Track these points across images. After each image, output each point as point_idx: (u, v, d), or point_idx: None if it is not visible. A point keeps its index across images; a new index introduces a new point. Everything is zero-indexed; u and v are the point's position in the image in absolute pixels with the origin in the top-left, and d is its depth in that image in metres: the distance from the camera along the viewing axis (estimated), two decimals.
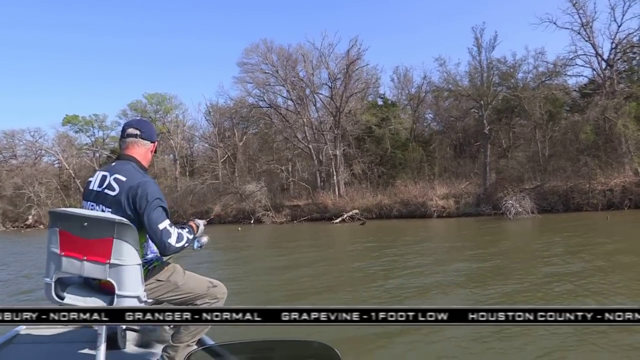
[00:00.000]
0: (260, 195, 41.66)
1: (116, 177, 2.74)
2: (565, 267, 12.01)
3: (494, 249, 16.83)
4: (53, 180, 58.60)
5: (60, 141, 61.80)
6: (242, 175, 49.10)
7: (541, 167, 35.97)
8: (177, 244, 2.68)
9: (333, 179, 42.74)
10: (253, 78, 47.94)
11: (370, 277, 12.44)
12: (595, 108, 32.76)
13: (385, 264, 14.44)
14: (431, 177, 39.51)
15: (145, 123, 3.09)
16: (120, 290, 2.52)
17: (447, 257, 15.26)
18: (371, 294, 10.43)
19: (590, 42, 36.02)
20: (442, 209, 34.72)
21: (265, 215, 40.91)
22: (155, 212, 2.65)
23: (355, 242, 22.63)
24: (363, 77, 47.54)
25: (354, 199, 39.77)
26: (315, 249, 20.83)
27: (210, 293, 2.88)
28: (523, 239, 20.01)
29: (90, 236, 2.52)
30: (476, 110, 39.78)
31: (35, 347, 3.17)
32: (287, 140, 48.69)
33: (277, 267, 15.33)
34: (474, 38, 40.77)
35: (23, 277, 15.10)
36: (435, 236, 23.71)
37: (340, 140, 43.93)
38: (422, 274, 12.37)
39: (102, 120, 63.92)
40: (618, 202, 29.88)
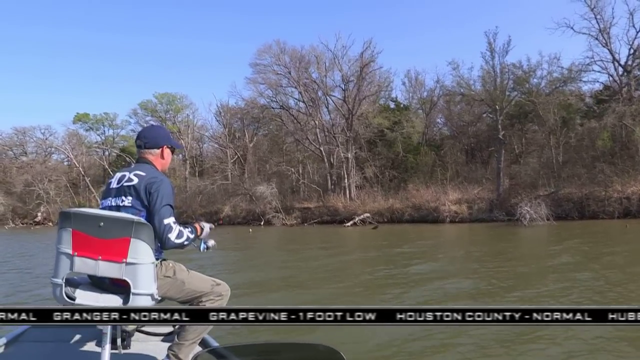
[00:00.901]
0: (271, 197, 41.45)
1: (136, 172, 2.94)
2: (594, 276, 11.69)
3: (516, 257, 16.52)
4: (62, 177, 58.69)
5: (71, 139, 61.99)
6: (251, 176, 48.90)
7: (555, 174, 35.59)
8: (176, 240, 2.82)
9: (344, 181, 42.48)
10: (265, 79, 47.82)
11: (392, 286, 12.12)
12: (613, 114, 32.34)
13: (406, 273, 14.12)
14: (443, 182, 39.12)
15: (148, 131, 3.29)
16: (136, 288, 2.57)
17: (471, 266, 14.90)
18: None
19: (608, 47, 35.71)
20: (455, 214, 34.38)
21: (276, 217, 40.68)
22: (164, 208, 2.82)
23: (370, 247, 22.31)
24: (376, 80, 47.22)
25: (365, 202, 39.49)
26: (330, 252, 20.52)
27: (214, 291, 2.96)
28: (542, 247, 19.63)
29: (106, 236, 2.56)
30: (491, 115, 39.39)
31: (40, 345, 3.18)
32: (299, 142, 48.48)
33: (297, 275, 15.04)
34: (487, 42, 40.59)
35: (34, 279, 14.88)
36: (453, 242, 23.29)
37: (352, 143, 43.66)
38: (447, 283, 12.04)
39: (113, 119, 64.17)
40: (635, 210, 29.48)
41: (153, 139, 3.15)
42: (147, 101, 61.33)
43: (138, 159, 3.14)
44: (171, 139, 3.26)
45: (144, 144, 3.13)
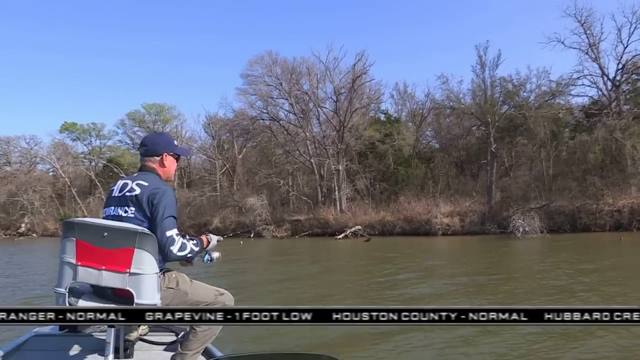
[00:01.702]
0: (261, 208, 41.09)
1: (138, 182, 2.91)
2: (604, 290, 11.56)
3: (517, 270, 16.38)
4: (48, 188, 57.89)
5: (56, 149, 61.09)
6: (240, 188, 48.50)
7: (546, 187, 35.71)
8: (179, 253, 2.79)
9: (335, 194, 42.23)
10: (256, 90, 47.61)
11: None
12: (603, 128, 32.58)
13: (407, 292, 13.89)
14: (435, 195, 39.03)
15: (149, 138, 3.24)
16: (139, 298, 2.56)
17: (474, 281, 14.70)
18: None
19: (597, 62, 36.08)
20: (447, 226, 34.27)
21: (266, 230, 40.23)
22: (167, 220, 2.79)
23: (364, 261, 22.04)
24: (366, 92, 47.19)
25: (356, 214, 39.26)
26: (326, 266, 20.28)
27: (218, 301, 2.97)
28: (541, 260, 19.46)
29: (110, 246, 2.58)
30: (483, 127, 39.49)
31: (43, 354, 3.20)
32: (289, 154, 48.26)
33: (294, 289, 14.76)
34: (478, 56, 40.90)
35: None
36: (450, 255, 23.04)
37: (343, 155, 43.50)
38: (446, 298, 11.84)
39: (100, 129, 63.39)
40: (627, 222, 29.57)
41: (152, 147, 3.12)
42: (135, 111, 60.92)
43: (141, 167, 3.13)
44: (174, 146, 3.19)
45: (144, 151, 3.12)
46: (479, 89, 42.11)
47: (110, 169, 57.55)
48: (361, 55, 43.61)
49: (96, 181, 56.88)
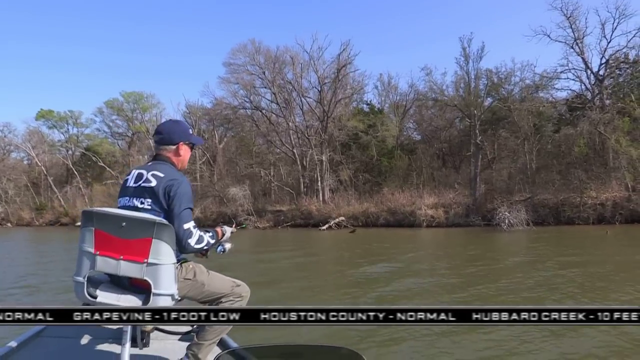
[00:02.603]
0: (244, 199, 40.55)
1: (154, 173, 2.84)
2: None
3: (507, 263, 16.20)
4: (22, 176, 56.58)
5: (32, 137, 59.64)
6: (221, 178, 47.87)
7: (529, 180, 35.78)
8: (196, 245, 2.79)
9: (317, 184, 41.87)
10: (238, 79, 46.88)
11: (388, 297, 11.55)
12: (587, 122, 32.68)
13: (401, 284, 13.57)
14: (418, 186, 38.87)
15: (165, 126, 3.13)
16: (157, 288, 2.56)
17: (466, 277, 14.44)
18: None
19: (582, 56, 36.19)
20: (432, 218, 34.15)
21: (248, 220, 39.74)
22: (184, 212, 2.75)
23: (355, 253, 21.70)
24: (349, 82, 46.77)
25: (340, 205, 38.96)
26: (315, 259, 19.91)
27: (234, 292, 2.94)
28: (531, 253, 19.28)
29: (128, 236, 2.56)
30: (468, 119, 39.39)
31: (60, 341, 3.19)
32: (271, 144, 47.71)
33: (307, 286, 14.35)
34: (461, 48, 40.88)
35: None
36: (438, 248, 22.68)
37: (326, 145, 43.08)
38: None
39: (77, 117, 62.15)
40: (609, 216, 29.73)
41: (168, 135, 3.03)
42: (113, 99, 59.67)
43: (155, 156, 3.05)
44: (189, 135, 3.09)
45: (159, 139, 3.04)
46: (463, 81, 42.15)
47: (89, 157, 56.42)
48: (346, 45, 43.24)
49: (73, 170, 55.71)
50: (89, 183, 55.92)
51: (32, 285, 13.31)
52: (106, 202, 49.89)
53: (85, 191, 53.21)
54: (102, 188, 53.38)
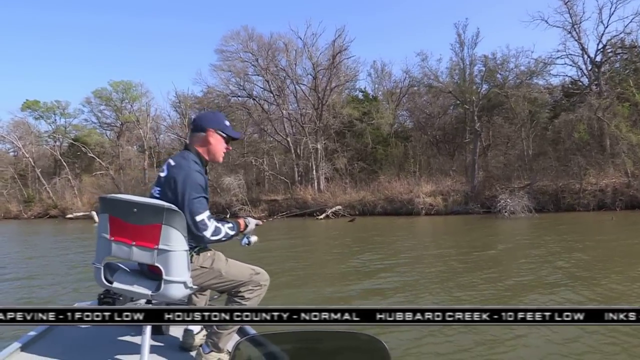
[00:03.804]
0: (239, 188, 39.94)
1: (169, 162, 2.88)
2: None
3: (522, 255, 15.84)
4: (9, 168, 55.38)
5: (17, 128, 58.34)
6: (213, 167, 47.15)
7: (527, 166, 35.52)
8: (212, 237, 2.74)
9: (312, 173, 41.30)
10: (231, 66, 45.99)
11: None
12: (587, 107, 32.41)
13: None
14: (415, 174, 38.45)
15: (199, 114, 3.18)
16: (168, 275, 2.55)
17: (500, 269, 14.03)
18: None
19: (579, 41, 35.88)
20: (430, 206, 33.73)
21: (242, 210, 39.14)
22: (195, 203, 2.70)
23: (360, 242, 21.25)
24: (343, 69, 46.00)
25: (336, 194, 38.44)
26: (313, 246, 19.43)
27: (253, 280, 2.91)
28: (542, 242, 18.92)
29: (139, 222, 2.57)
30: (467, 105, 38.98)
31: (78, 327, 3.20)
32: (264, 132, 47.02)
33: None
34: (457, 34, 40.48)
35: None
36: (447, 237, 22.13)
37: (321, 133, 42.47)
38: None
39: (65, 107, 60.81)
40: (610, 202, 29.54)
41: (199, 122, 3.02)
42: (101, 89, 58.23)
43: (185, 145, 3.03)
44: (223, 124, 3.03)
45: (192, 127, 3.05)
46: (458, 68, 41.72)
47: (77, 148, 55.31)
48: (341, 32, 42.45)
49: (62, 161, 54.64)
50: (78, 174, 54.93)
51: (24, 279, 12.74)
52: (96, 193, 49.03)
53: (75, 182, 52.24)
54: (92, 179, 52.47)
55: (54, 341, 3.06)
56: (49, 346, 2.97)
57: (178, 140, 53.61)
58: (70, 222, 41.91)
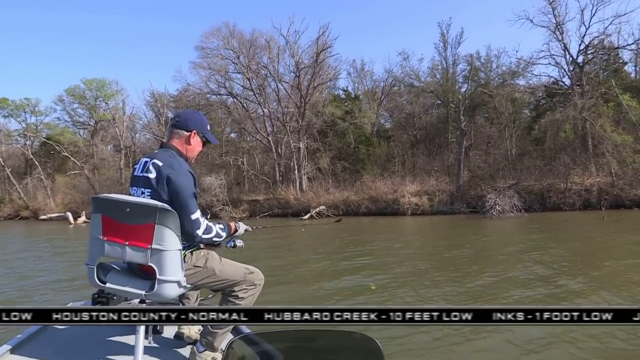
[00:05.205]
0: (220, 188, 39.08)
1: (154, 162, 2.79)
2: None
3: (518, 258, 15.48)
4: None
5: None
6: (192, 167, 46.09)
7: (511, 166, 35.51)
8: (204, 235, 2.76)
9: (293, 173, 40.66)
10: (211, 64, 45.05)
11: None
12: (572, 107, 32.50)
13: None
14: (400, 174, 38.13)
15: (185, 112, 3.12)
16: (161, 275, 2.54)
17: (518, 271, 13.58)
18: None
19: (562, 42, 36.02)
20: (416, 206, 33.37)
21: (223, 211, 38.35)
22: (189, 202, 2.71)
23: (350, 244, 20.69)
24: (325, 68, 45.46)
25: (319, 194, 37.88)
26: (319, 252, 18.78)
27: (247, 279, 2.90)
28: (541, 244, 18.65)
29: (132, 221, 2.56)
30: (452, 105, 38.83)
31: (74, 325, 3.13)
32: (244, 131, 46.19)
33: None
34: (440, 33, 40.45)
35: None
36: (439, 238, 21.75)
37: (304, 132, 41.83)
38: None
39: (35, 105, 58.87)
40: (595, 201, 29.61)
41: (184, 120, 3.00)
42: (74, 87, 56.62)
43: (162, 143, 3.01)
44: (206, 128, 3.06)
45: (175, 122, 3.00)
46: (440, 67, 41.67)
47: (50, 147, 53.64)
48: (325, 29, 41.86)
49: (34, 160, 52.93)
50: (50, 174, 53.34)
51: None
52: (69, 193, 47.78)
53: (47, 182, 50.68)
54: (65, 179, 50.89)
55: (46, 342, 3.02)
56: (40, 347, 2.92)
57: (154, 140, 52.45)
58: (43, 224, 40.50)
